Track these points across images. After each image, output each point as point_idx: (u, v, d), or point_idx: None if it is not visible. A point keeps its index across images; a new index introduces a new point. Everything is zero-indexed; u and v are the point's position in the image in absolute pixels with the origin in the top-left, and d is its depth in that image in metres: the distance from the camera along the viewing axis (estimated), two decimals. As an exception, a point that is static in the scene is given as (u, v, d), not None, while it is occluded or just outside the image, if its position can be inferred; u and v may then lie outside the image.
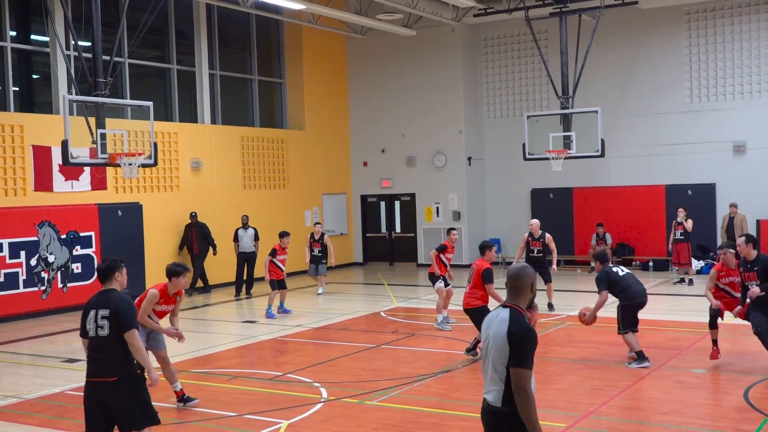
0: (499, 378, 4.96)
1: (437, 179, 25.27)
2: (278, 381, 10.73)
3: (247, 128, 23.30)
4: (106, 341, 6.57)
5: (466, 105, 24.85)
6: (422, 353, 12.32)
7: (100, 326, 6.61)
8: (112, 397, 6.53)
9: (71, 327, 16.01)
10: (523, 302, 5.13)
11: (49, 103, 18.62)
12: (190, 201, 20.87)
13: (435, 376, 10.70)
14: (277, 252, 16.38)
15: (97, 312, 6.65)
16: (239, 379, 10.93)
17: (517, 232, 24.48)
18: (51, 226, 17.45)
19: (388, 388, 10.06)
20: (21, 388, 10.86)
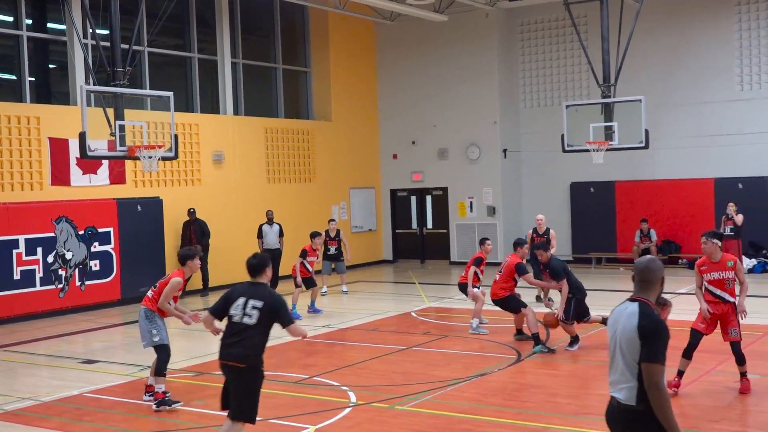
0: (631, 374, 4.95)
1: (471, 172, 25.17)
2: (304, 384, 10.74)
3: (271, 119, 23.36)
4: (249, 329, 7.18)
5: (501, 94, 24.72)
6: (455, 355, 12.27)
7: (249, 314, 7.21)
8: (233, 381, 7.23)
9: (89, 327, 16.16)
10: (652, 296, 5.16)
11: (66, 94, 18.78)
12: (212, 195, 20.98)
13: (469, 380, 10.65)
14: (308, 253, 16.50)
15: (248, 300, 7.24)
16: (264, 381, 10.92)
17: (556, 228, 24.36)
18: (68, 222, 17.61)
19: (419, 393, 10.03)
20: (38, 390, 10.97)
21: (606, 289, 19.15)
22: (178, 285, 9.91)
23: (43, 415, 9.64)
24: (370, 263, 25.73)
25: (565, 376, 10.89)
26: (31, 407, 10.05)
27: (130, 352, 13.59)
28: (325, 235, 19.00)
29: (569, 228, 24.39)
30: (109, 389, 10.85)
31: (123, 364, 12.45)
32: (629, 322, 5.00)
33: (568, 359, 11.74)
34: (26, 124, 17.26)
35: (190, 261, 9.93)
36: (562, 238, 24.40)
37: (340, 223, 24.88)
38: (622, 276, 21.59)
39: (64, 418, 9.51)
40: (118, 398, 10.36)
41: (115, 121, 14.66)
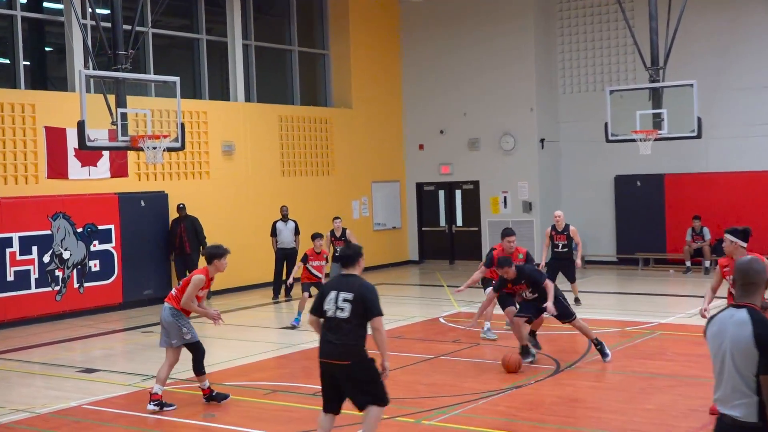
0: (747, 389, 4.86)
1: (505, 165, 25.09)
2: (322, 396, 10.74)
3: (286, 106, 23.39)
4: (343, 323, 7.56)
5: (538, 79, 24.62)
6: (488, 366, 12.23)
7: (341, 308, 7.58)
8: (343, 379, 7.62)
9: (89, 332, 16.26)
10: (758, 299, 5.07)
11: (63, 79, 18.90)
12: (222, 190, 21.05)
13: (503, 392, 10.62)
14: (309, 257, 16.12)
15: (339, 294, 7.61)
16: (278, 393, 10.97)
17: (598, 226, 24.26)
18: (66, 218, 17.72)
19: (448, 406, 10.00)
20: (33, 401, 11.05)
21: (654, 294, 19.03)
22: (200, 283, 10.20)
23: (38, 429, 9.70)
24: (393, 264, 25.73)
25: (609, 389, 10.83)
26: (26, 420, 10.12)
27: (132, 361, 13.66)
28: (331, 236, 18.73)
29: (613, 226, 24.26)
30: (109, 401, 10.90)
31: (125, 374, 12.51)
32: (740, 331, 4.88)
33: (612, 370, 11.67)
34: (20, 112, 17.39)
35: (217, 260, 10.22)
36: (606, 236, 24.30)
37: (361, 219, 24.91)
38: (671, 279, 21.45)
39: (61, 431, 9.56)
40: (120, 411, 10.40)
41: (117, 109, 14.72)
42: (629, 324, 15.03)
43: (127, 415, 10.18)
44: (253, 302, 19.51)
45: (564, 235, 16.90)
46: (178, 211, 19.46)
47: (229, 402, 10.50)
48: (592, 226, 24.17)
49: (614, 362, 12.08)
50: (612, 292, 20.01)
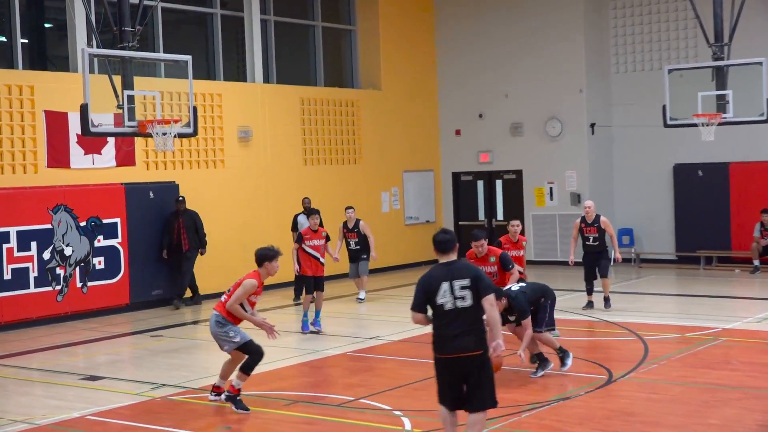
0: None
1: (551, 152, 24.99)
2: (349, 407, 10.74)
3: (308, 88, 23.42)
4: (469, 312, 7.83)
5: (588, 56, 24.48)
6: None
7: (461, 297, 7.83)
8: (474, 371, 7.90)
9: (93, 336, 16.37)
10: None
11: (64, 59, 19.01)
12: (238, 180, 21.11)
13: (549, 404, 10.57)
14: (305, 237, 15.98)
15: (452, 283, 7.85)
16: (299, 404, 10.98)
17: (656, 220, 24.09)
18: (68, 211, 17.84)
19: (489, 419, 9.93)
20: (32, 411, 11.13)
21: (718, 296, 18.88)
22: (252, 288, 10.56)
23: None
24: (427, 262, 25.65)
25: (668, 402, 10.74)
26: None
27: (140, 368, 13.72)
28: (342, 227, 18.99)
29: (672, 220, 24.09)
30: (115, 411, 10.96)
31: (132, 382, 12.58)
32: None
33: (671, 380, 11.58)
34: (18, 94, 17.51)
35: (268, 263, 10.57)
36: (664, 232, 24.15)
37: (391, 213, 24.92)
38: (737, 279, 21.27)
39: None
40: (127, 422, 10.46)
41: (123, 91, 14.76)
42: (690, 329, 14.90)
43: (135, 427, 10.23)
44: (272, 304, 19.55)
45: (595, 228, 17.03)
46: (177, 204, 19.34)
47: (244, 415, 10.52)
48: (648, 221, 24.02)
49: (674, 372, 11.99)
50: (671, 294, 19.85)
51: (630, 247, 24.38)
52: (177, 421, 10.41)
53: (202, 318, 18.13)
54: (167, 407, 11.09)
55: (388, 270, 24.33)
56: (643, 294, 19.31)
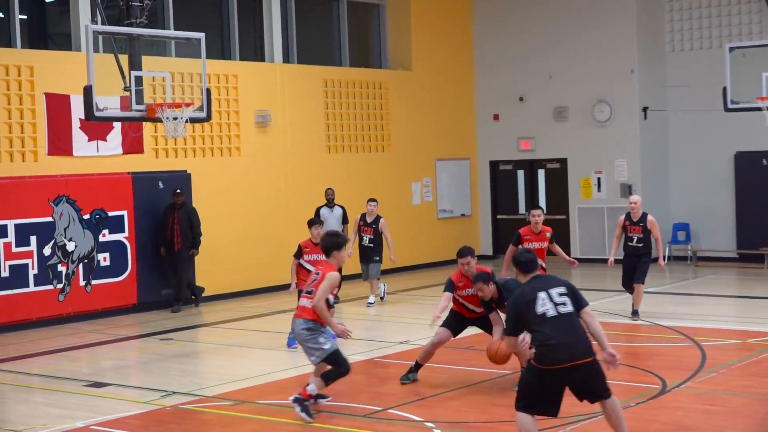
0: None
1: (599, 139, 24.93)
2: (376, 418, 10.77)
3: (332, 68, 23.45)
4: (571, 317, 8.29)
5: (640, 34, 24.39)
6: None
7: (562, 303, 8.30)
8: (584, 378, 8.33)
9: (97, 339, 16.49)
10: None
11: (67, 37, 19.13)
12: (255, 169, 21.18)
13: (596, 416, 10.53)
14: (304, 250, 15.19)
15: (549, 291, 8.35)
16: (322, 414, 11.01)
17: (714, 213, 23.98)
18: (70, 203, 17.97)
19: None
20: (31, 420, 11.23)
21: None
22: (336, 279, 10.79)
23: (38, 453, 9.88)
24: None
25: (727, 414, 10.70)
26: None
27: (148, 374, 13.81)
28: (360, 219, 18.90)
29: (733, 214, 23.98)
30: (122, 421, 11.03)
31: (140, 389, 12.67)
32: None
33: (731, 391, 11.54)
34: (16, 75, 17.64)
35: (337, 251, 10.90)
36: (724, 227, 24.02)
37: (423, 205, 24.93)
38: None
39: (66, 457, 9.74)
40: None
41: (130, 72, 14.85)
42: (752, 335, 14.84)
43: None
44: (293, 305, 19.55)
45: (640, 227, 16.43)
46: (175, 197, 19.05)
47: (263, 425, 10.59)
48: (707, 214, 23.92)
49: (734, 381, 11.95)
50: (731, 296, 19.76)
51: (686, 243, 24.29)
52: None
53: (215, 320, 18.23)
54: (178, 417, 11.16)
55: (419, 268, 24.35)
56: (701, 295, 19.23)
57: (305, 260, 15.06)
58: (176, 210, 18.97)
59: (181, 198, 19.01)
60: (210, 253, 20.08)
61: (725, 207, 24.07)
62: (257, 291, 20.75)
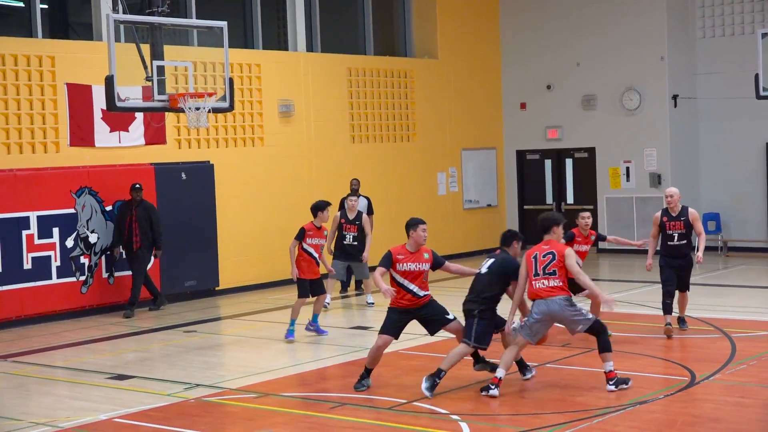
0: None
1: (628, 128, 24.86)
2: (401, 411, 10.81)
3: (356, 57, 23.47)
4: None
5: (670, 19, 24.29)
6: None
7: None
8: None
9: (120, 332, 16.60)
10: None
11: (88, 26, 19.22)
12: (278, 159, 21.24)
13: (624, 409, 10.56)
14: (307, 233, 15.30)
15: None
16: (346, 407, 11.07)
17: (746, 203, 23.87)
18: (92, 194, 18.08)
19: (556, 426, 9.99)
20: (55, 413, 11.32)
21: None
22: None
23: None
24: (488, 250, 25.55)
25: (758, 407, 10.68)
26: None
27: (172, 366, 13.90)
28: (341, 218, 18.15)
29: (765, 204, 23.87)
30: (145, 413, 11.11)
31: (163, 381, 12.76)
32: None
33: (761, 383, 11.53)
34: (37, 65, 17.75)
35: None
36: (756, 216, 23.93)
37: (449, 196, 24.92)
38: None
39: (89, 449, 9.83)
40: (158, 425, 10.61)
41: (152, 62, 14.92)
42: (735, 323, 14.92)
43: (166, 431, 10.40)
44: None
45: (681, 222, 14.41)
46: (132, 193, 18.02)
47: (287, 417, 10.65)
48: (738, 204, 23.82)
49: (764, 374, 11.93)
50: (762, 287, 19.69)
51: (717, 233, 24.19)
52: (213, 425, 10.56)
53: (238, 312, 18.30)
54: (202, 409, 11.23)
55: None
56: (731, 286, 19.16)
57: (308, 243, 15.23)
58: (134, 207, 17.98)
59: (140, 194, 18.05)
60: (233, 245, 20.18)
61: (756, 196, 23.97)
62: (281, 283, 20.79)
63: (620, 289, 19.42)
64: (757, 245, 23.88)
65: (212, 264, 19.90)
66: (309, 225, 15.38)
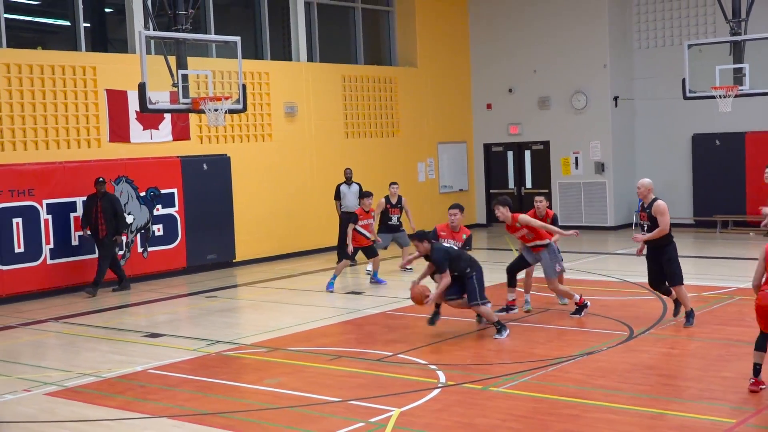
0: None
1: (576, 124, 24.84)
2: (388, 362, 10.84)
3: (349, 66, 23.41)
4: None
5: (612, 32, 24.25)
6: (558, 332, 12.22)
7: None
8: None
9: (153, 297, 16.60)
10: None
11: (123, 41, 19.15)
12: (284, 152, 21.21)
13: (574, 359, 10.60)
14: (360, 217, 16.59)
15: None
16: (343, 359, 11.10)
17: (676, 187, 23.91)
18: (128, 182, 18.04)
19: (517, 373, 10.03)
20: (99, 365, 11.34)
21: (733, 257, 18.77)
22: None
23: (104, 393, 9.96)
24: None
25: (685, 356, 10.75)
26: (92, 384, 10.41)
27: (197, 326, 13.92)
28: (386, 203, 18.23)
29: (690, 187, 23.92)
30: (175, 365, 11.14)
31: (189, 338, 12.77)
32: None
33: (689, 336, 11.57)
34: (81, 74, 17.68)
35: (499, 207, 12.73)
36: (683, 198, 23.98)
37: (427, 182, 24.92)
38: (752, 242, 21.09)
39: (128, 396, 9.82)
40: (185, 375, 10.64)
41: (178, 71, 14.88)
42: (706, 289, 14.85)
43: (192, 380, 10.41)
44: (317, 267, 19.68)
45: (646, 214, 12.28)
46: (96, 186, 16.93)
47: (293, 368, 10.67)
48: (668, 187, 23.82)
49: (691, 328, 11.96)
50: (689, 256, 19.73)
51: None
52: (231, 374, 10.58)
53: (251, 280, 18.31)
54: (222, 362, 11.26)
55: (425, 235, 24.34)
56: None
57: (360, 225, 16.55)
58: (99, 199, 16.89)
59: (103, 187, 16.93)
60: (246, 225, 20.16)
61: (684, 181, 24.01)
62: (287, 256, 20.81)
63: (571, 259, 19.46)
64: (684, 222, 23.90)
65: (230, 240, 19.88)
66: (359, 210, 16.78)
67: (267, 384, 10.04)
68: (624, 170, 24.63)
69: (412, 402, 9.04)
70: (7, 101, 16.62)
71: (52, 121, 17.23)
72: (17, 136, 16.78)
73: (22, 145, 16.85)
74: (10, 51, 16.95)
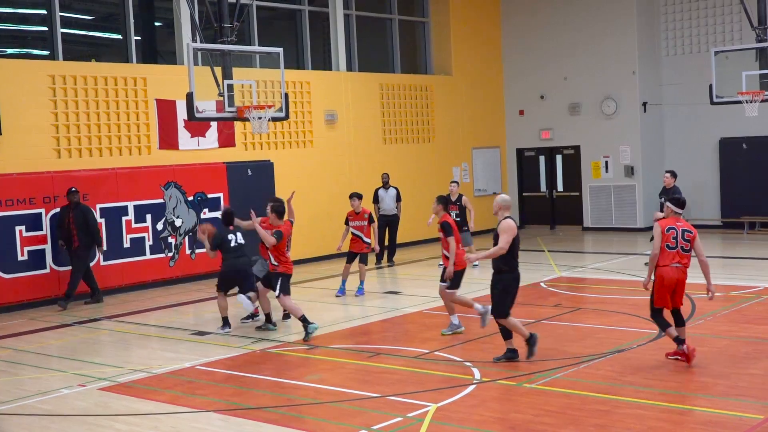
0: None
1: (606, 129, 24.68)
2: (425, 359, 10.83)
3: (386, 75, 23.42)
4: None
5: (640, 40, 24.08)
6: (589, 330, 12.13)
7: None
8: None
9: (200, 297, 16.70)
10: None
11: (172, 53, 19.31)
12: (325, 158, 21.25)
13: (604, 356, 10.53)
14: (350, 218, 16.17)
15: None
16: (381, 356, 11.10)
17: (702, 189, 23.69)
18: (177, 187, 18.17)
19: (550, 370, 9.97)
20: (150, 361, 11.44)
21: (760, 258, 18.54)
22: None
23: (155, 388, 10.04)
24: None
25: (714, 354, 10.62)
26: (143, 380, 10.49)
27: (242, 325, 13.98)
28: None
29: (718, 189, 23.66)
30: (221, 362, 11.20)
31: (235, 336, 12.83)
32: None
33: (716, 334, 11.44)
34: (133, 85, 17.84)
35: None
36: (711, 200, 23.75)
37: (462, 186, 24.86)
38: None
39: (176, 390, 9.88)
40: (231, 371, 10.69)
41: (223, 81, 14.96)
42: (734, 288, 14.69)
43: (238, 376, 10.46)
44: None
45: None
46: (69, 197, 15.92)
47: (333, 364, 10.68)
48: (696, 190, 23.65)
49: (719, 327, 11.85)
50: (716, 257, 19.52)
51: (679, 214, 23.95)
52: (274, 370, 10.63)
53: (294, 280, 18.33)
54: (265, 359, 11.31)
55: (460, 236, 24.30)
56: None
57: (352, 226, 16.08)
58: (71, 210, 15.89)
59: (75, 197, 15.92)
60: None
61: (711, 183, 23.77)
62: (328, 257, 20.84)
63: (600, 261, 19.32)
64: (711, 223, 23.67)
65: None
66: (350, 212, 16.04)
67: (308, 380, 10.06)
68: (653, 173, 24.40)
69: (449, 397, 9.02)
70: (63, 111, 16.81)
71: (105, 130, 17.39)
72: (72, 144, 16.96)
73: (77, 153, 17.03)
74: (65, 63, 17.16)
